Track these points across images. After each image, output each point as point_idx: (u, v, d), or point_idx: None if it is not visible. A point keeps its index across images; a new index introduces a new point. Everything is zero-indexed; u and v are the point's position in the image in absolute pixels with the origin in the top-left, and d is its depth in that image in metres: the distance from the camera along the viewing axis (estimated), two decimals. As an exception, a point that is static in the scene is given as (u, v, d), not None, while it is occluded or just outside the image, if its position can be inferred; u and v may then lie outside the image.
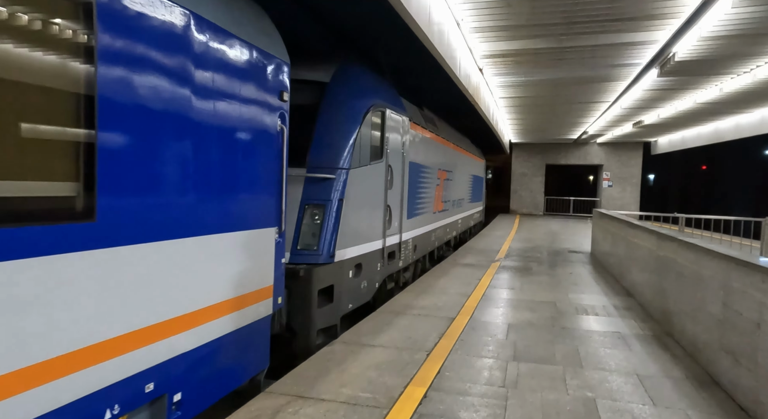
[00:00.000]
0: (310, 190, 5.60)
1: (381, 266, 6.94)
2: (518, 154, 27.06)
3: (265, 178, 4.05)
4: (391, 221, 7.31)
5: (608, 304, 6.41)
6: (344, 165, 5.80)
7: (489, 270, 8.80)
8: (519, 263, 9.91)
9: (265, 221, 4.08)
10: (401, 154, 7.68)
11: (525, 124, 19.25)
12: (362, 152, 6.17)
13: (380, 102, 6.74)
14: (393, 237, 7.44)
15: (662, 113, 15.73)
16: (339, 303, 5.65)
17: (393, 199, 7.34)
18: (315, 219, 5.57)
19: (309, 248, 5.43)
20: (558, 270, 9.15)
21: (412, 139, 8.36)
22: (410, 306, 6.11)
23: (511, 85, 12.09)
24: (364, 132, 6.21)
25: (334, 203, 5.62)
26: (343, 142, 5.88)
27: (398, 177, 7.54)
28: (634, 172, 25.46)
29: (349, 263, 5.91)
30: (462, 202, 14.40)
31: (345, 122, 5.97)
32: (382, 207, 6.90)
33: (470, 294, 6.78)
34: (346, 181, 5.78)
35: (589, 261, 10.39)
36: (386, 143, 6.96)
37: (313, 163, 5.66)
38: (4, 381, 2.08)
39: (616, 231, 8.50)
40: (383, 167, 6.87)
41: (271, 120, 4.08)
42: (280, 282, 4.40)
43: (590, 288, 7.53)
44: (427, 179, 9.51)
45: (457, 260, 9.99)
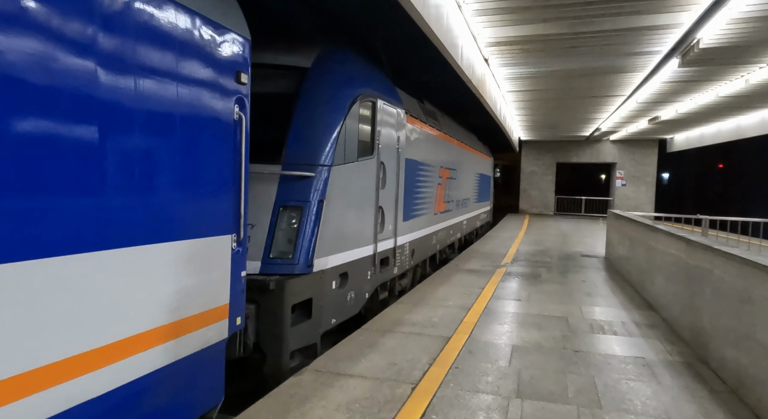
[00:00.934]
0: (286, 189, 4.90)
1: (372, 274, 6.23)
2: (528, 152, 26.19)
3: (216, 176, 3.36)
4: (384, 224, 6.60)
5: (628, 320, 5.64)
6: (326, 161, 5.09)
7: (494, 278, 8.05)
8: (527, 269, 9.14)
9: (217, 228, 3.38)
10: (396, 149, 6.96)
11: (534, 120, 18.42)
12: (348, 147, 5.46)
13: (370, 91, 6.03)
14: (386, 242, 6.73)
15: (681, 108, 14.83)
16: (319, 318, 4.95)
17: (386, 199, 6.63)
18: (291, 223, 4.88)
19: (283, 256, 4.73)
20: (570, 277, 8.38)
21: (409, 133, 7.64)
22: (401, 321, 5.39)
23: (519, 77, 11.30)
24: (350, 124, 5.50)
25: (314, 205, 4.92)
26: (325, 135, 5.18)
27: (392, 175, 6.82)
28: (648, 171, 24.48)
29: (332, 272, 5.21)
30: (467, 202, 13.64)
31: (327, 113, 5.26)
32: (373, 208, 6.19)
33: (471, 307, 6.04)
34: (327, 180, 5.07)
35: (603, 267, 9.59)
36: (377, 137, 6.25)
37: (289, 159, 4.97)
38: None
39: (634, 235, 7.71)
40: (374, 164, 6.16)
41: (224, 106, 3.38)
42: (239, 299, 3.70)
43: (606, 299, 6.76)
44: (426, 178, 8.78)
45: (460, 265, 9.25)
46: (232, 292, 3.59)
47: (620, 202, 24.65)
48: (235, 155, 3.55)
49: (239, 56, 3.53)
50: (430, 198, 9.15)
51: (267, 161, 4.92)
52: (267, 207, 4.82)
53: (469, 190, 13.86)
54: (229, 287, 3.55)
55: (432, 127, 9.21)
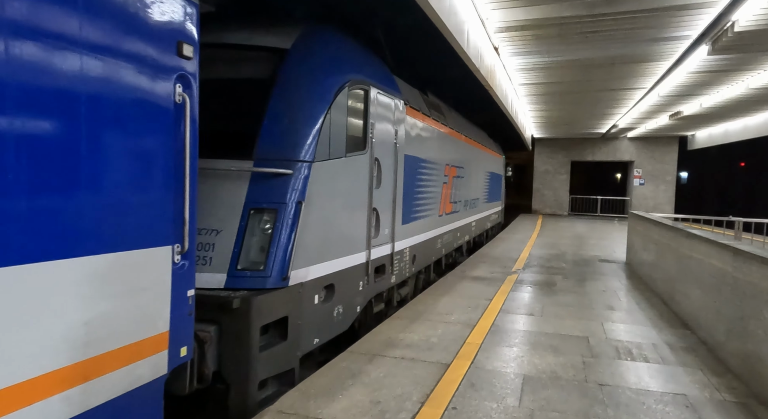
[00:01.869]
0: (258, 189, 4.20)
1: (365, 284, 5.52)
2: (541, 150, 25.27)
3: (147, 173, 2.67)
4: (380, 228, 5.88)
5: (660, 342, 4.85)
6: (306, 157, 4.39)
7: (503, 287, 7.28)
8: (540, 276, 8.35)
9: (150, 237, 2.69)
10: (393, 145, 6.23)
11: (548, 116, 17.55)
12: (334, 141, 4.75)
13: (362, 78, 5.31)
14: (382, 248, 6.01)
15: (706, 102, 13.89)
16: (297, 339, 4.25)
17: (381, 200, 5.91)
18: (264, 229, 4.18)
19: (254, 268, 4.04)
20: (588, 286, 7.58)
21: (409, 127, 6.90)
22: (394, 342, 4.66)
23: (532, 68, 10.50)
24: (337, 115, 4.78)
25: (291, 207, 4.21)
26: (305, 127, 4.47)
27: (389, 173, 6.10)
28: (668, 169, 23.42)
29: (314, 285, 4.50)
30: (476, 203, 12.86)
31: (308, 101, 4.55)
32: (366, 211, 5.48)
33: (476, 324, 5.29)
34: (308, 178, 4.36)
35: (625, 274, 8.77)
36: (371, 131, 5.53)
37: (263, 153, 4.27)
38: None
39: (661, 240, 6.89)
40: (366, 160, 5.44)
41: (158, 84, 2.69)
42: (184, 325, 3.01)
43: (632, 313, 5.96)
44: (430, 176, 8.04)
45: (467, 272, 8.49)
46: (175, 317, 2.90)
47: (638, 202, 23.63)
48: (177, 147, 2.86)
49: (180, 23, 2.83)
50: (434, 198, 8.41)
51: (236, 156, 4.24)
52: (235, 210, 4.13)
53: (478, 189, 13.07)
54: (170, 311, 2.86)
55: (437, 122, 8.47)
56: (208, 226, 4.07)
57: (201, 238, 4.01)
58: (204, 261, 3.98)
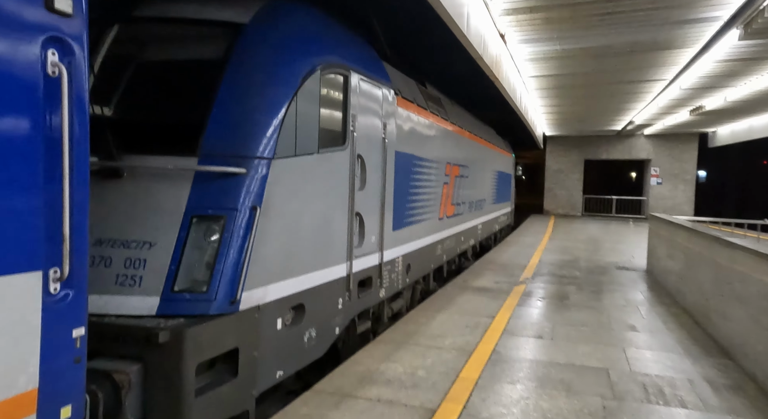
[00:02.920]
0: (203, 192, 3.45)
1: (345, 302, 4.75)
2: (553, 149, 24.30)
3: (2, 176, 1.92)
4: (364, 235, 5.11)
5: (697, 376, 4.00)
6: (264, 152, 3.62)
7: (509, 300, 6.46)
8: (551, 286, 7.52)
9: (6, 260, 1.95)
10: (381, 140, 5.45)
11: (561, 112, 16.64)
12: (302, 134, 3.98)
13: (339, 61, 4.53)
14: (368, 258, 5.24)
15: (731, 95, 12.91)
16: (251, 375, 3.49)
17: (366, 203, 5.13)
18: (209, 240, 3.42)
19: (195, 289, 3.28)
20: (605, 299, 6.73)
21: (402, 121, 6.12)
22: (372, 376, 3.87)
23: (542, 57, 9.64)
24: (306, 103, 4.01)
25: (244, 213, 3.46)
26: (264, 116, 3.70)
27: (375, 172, 5.32)
28: (687, 168, 22.33)
29: (276, 307, 3.74)
30: (483, 204, 12.02)
31: (269, 86, 3.79)
32: (346, 216, 4.71)
33: (473, 350, 4.49)
34: (266, 178, 3.60)
35: (646, 284, 7.89)
36: (352, 123, 4.76)
37: (209, 148, 3.52)
38: None
39: (692, 248, 6.02)
40: (346, 157, 4.67)
41: (16, 52, 1.94)
42: (67, 377, 2.26)
43: (658, 336, 5.11)
44: (427, 176, 7.24)
45: (469, 282, 7.68)
46: (50, 368, 2.14)
47: (655, 202, 22.58)
48: (51, 136, 2.11)
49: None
50: (433, 200, 7.61)
51: (176, 152, 3.49)
52: (173, 217, 3.38)
53: (485, 189, 12.23)
54: (39, 361, 2.10)
55: (436, 116, 7.67)
56: (139, 238, 3.32)
57: (129, 253, 3.27)
58: (132, 281, 3.23)
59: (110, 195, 3.42)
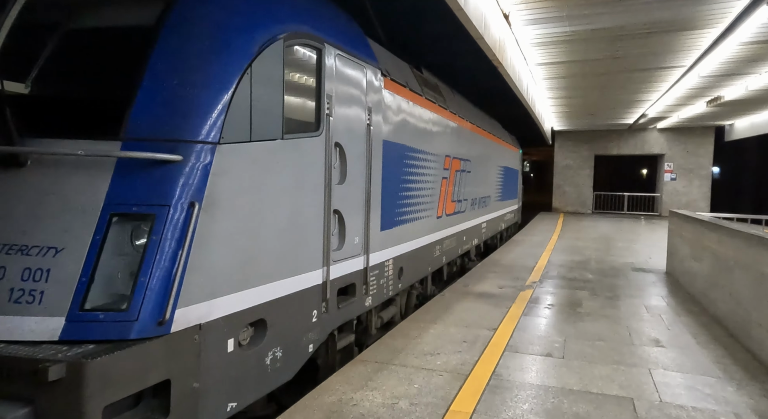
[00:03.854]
0: (127, 184, 2.78)
1: (321, 314, 4.07)
2: (562, 144, 23.44)
3: None
4: (345, 236, 4.42)
5: (744, 408, 3.26)
6: (207, 136, 2.94)
7: (513, 309, 5.74)
8: (561, 291, 6.78)
9: None
10: (365, 126, 4.76)
11: (570, 104, 15.83)
12: (259, 116, 3.30)
13: (310, 32, 3.84)
14: (350, 262, 4.55)
15: (753, 84, 12.06)
16: (190, 412, 2.82)
17: (347, 199, 4.44)
18: (132, 245, 2.75)
19: (111, 307, 2.61)
20: (623, 306, 5.98)
21: (391, 107, 5.42)
22: (341, 410, 3.17)
23: (550, 40, 8.88)
24: (265, 79, 3.33)
25: (179, 211, 2.78)
26: (207, 91, 3.02)
27: (358, 164, 4.63)
28: (702, 163, 21.40)
29: (226, 325, 3.07)
30: (487, 201, 11.28)
31: (214, 55, 3.11)
32: (321, 214, 4.02)
33: (470, 372, 3.78)
34: (209, 168, 2.92)
35: (667, 288, 7.13)
36: (327, 105, 4.07)
37: (136, 130, 2.85)
38: None
39: (724, 251, 5.26)
40: (320, 145, 3.98)
41: None
42: None
43: (689, 353, 4.37)
44: (423, 169, 6.53)
45: (470, 286, 6.96)
46: None
47: (669, 199, 21.68)
48: None
49: None
50: (430, 196, 6.90)
51: (93, 135, 2.83)
52: (87, 216, 2.71)
53: (489, 185, 11.49)
54: None
55: (432, 103, 6.95)
56: (42, 242, 2.66)
57: (28, 262, 2.61)
58: (30, 297, 2.57)
59: (8, 188, 2.76)
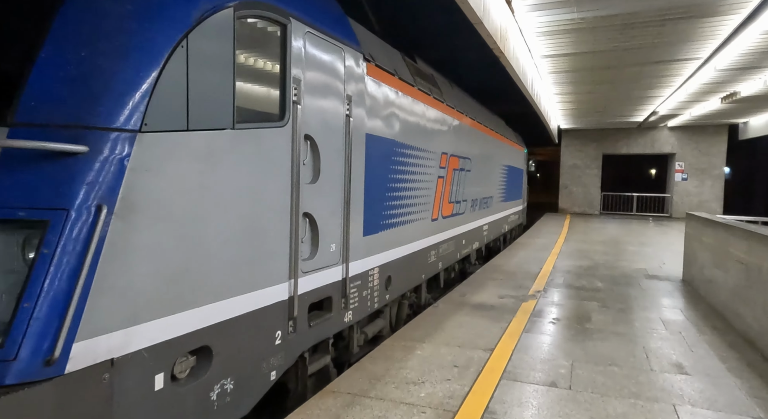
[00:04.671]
0: (13, 182, 2.20)
1: (287, 335, 3.48)
2: (569, 143, 22.73)
3: None
4: (318, 243, 3.82)
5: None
6: (124, 122, 2.36)
7: (514, 323, 5.12)
8: (568, 302, 6.15)
9: None
10: (342, 117, 4.15)
11: (577, 101, 15.14)
12: (200, 98, 2.70)
13: (271, 3, 3.23)
14: (325, 273, 3.95)
15: (773, 77, 11.35)
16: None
17: (321, 201, 3.85)
18: (16, 260, 2.16)
19: (-15, 341, 2.02)
20: (637, 321, 5.34)
21: (376, 96, 4.81)
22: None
23: (556, 29, 8.24)
24: (206, 54, 2.73)
25: (81, 216, 2.20)
26: (125, 65, 2.43)
27: (334, 160, 4.03)
28: (715, 162, 20.63)
29: (152, 358, 2.48)
30: (490, 202, 10.65)
31: (136, 21, 2.51)
32: (286, 218, 3.43)
33: (459, 407, 3.17)
34: (125, 161, 2.33)
35: (685, 299, 6.48)
36: (295, 91, 3.47)
37: (29, 114, 2.27)
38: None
39: (759, 263, 4.62)
40: (286, 138, 3.39)
41: None
42: None
43: (721, 385, 3.74)
44: (415, 167, 5.92)
45: (467, 296, 6.33)
46: None
47: (680, 199, 20.94)
48: None
49: None
50: (424, 197, 6.28)
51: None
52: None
53: (492, 185, 10.86)
54: None
55: (427, 95, 6.34)
56: None
57: None
58: None
59: None
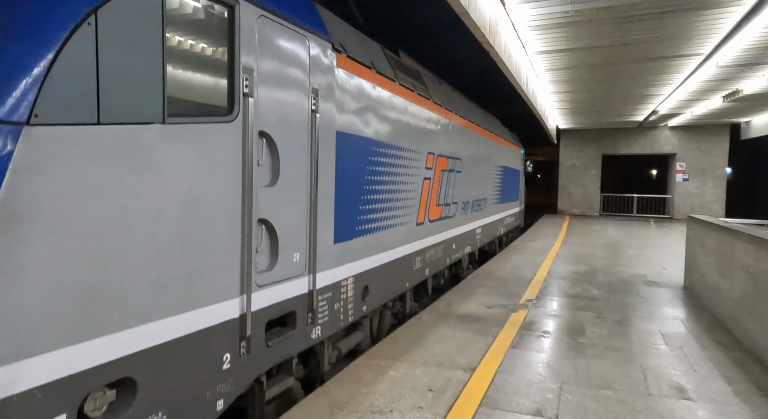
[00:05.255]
0: None
1: (238, 357, 3.09)
2: (567, 143, 22.32)
3: None
4: (278, 253, 3.42)
5: None
6: (5, 112, 1.94)
7: (500, 338, 4.70)
8: (561, 312, 5.74)
9: None
10: (307, 113, 3.75)
11: (575, 100, 14.74)
12: (115, 88, 2.30)
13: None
14: (287, 286, 3.55)
15: (777, 74, 10.94)
16: None
17: (281, 205, 3.45)
18: None
19: None
20: (634, 334, 4.93)
21: (349, 90, 4.41)
22: None
23: (550, 23, 7.83)
24: (123, 36, 2.33)
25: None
26: (6, 44, 2.02)
27: (298, 160, 3.63)
28: (717, 163, 20.20)
29: (46, 399, 2.08)
30: (483, 204, 10.24)
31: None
32: (236, 225, 3.03)
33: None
34: (8, 161, 1.93)
35: (686, 309, 6.07)
36: (245, 82, 3.08)
37: None
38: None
39: (764, 270, 4.21)
40: (235, 135, 2.99)
41: None
42: None
43: (727, 413, 3.32)
44: (397, 168, 5.51)
45: (453, 306, 5.92)
46: None
47: (681, 201, 20.52)
48: None
49: None
50: (408, 199, 5.87)
51: None
52: None
53: (486, 187, 10.45)
54: None
55: (410, 91, 5.94)
56: None
57: None
58: None
59: None
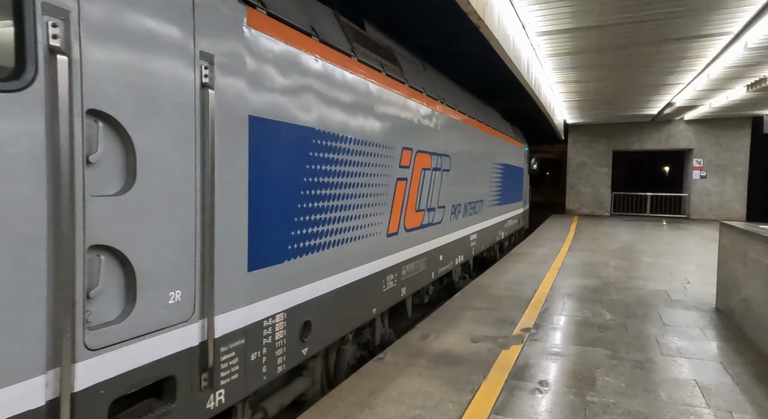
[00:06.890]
0: None
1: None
2: (576, 139, 21.00)
3: None
4: (137, 294, 2.28)
5: None
6: None
7: (481, 392, 3.52)
8: (566, 349, 4.55)
9: None
10: (192, 87, 2.59)
11: (583, 91, 13.47)
12: None
13: None
14: (157, 340, 2.42)
15: (814, 57, 9.61)
16: None
17: (142, 222, 2.31)
18: None
19: None
20: (661, 385, 3.74)
21: (276, 61, 3.25)
22: None
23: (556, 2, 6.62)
24: None
25: None
26: None
27: (170, 154, 2.48)
28: (737, 159, 18.80)
29: None
30: (479, 207, 9.04)
31: None
32: (37, 262, 1.88)
33: None
34: None
35: (725, 343, 4.85)
36: (53, 29, 1.93)
37: None
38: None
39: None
40: (32, 112, 1.84)
41: None
42: None
43: None
44: (356, 166, 4.34)
45: (431, 337, 4.74)
46: None
47: (699, 199, 19.15)
48: None
49: None
50: (374, 205, 4.70)
51: None
52: None
53: (482, 187, 9.25)
54: None
55: (376, 71, 4.77)
56: None
57: None
58: None
59: None
